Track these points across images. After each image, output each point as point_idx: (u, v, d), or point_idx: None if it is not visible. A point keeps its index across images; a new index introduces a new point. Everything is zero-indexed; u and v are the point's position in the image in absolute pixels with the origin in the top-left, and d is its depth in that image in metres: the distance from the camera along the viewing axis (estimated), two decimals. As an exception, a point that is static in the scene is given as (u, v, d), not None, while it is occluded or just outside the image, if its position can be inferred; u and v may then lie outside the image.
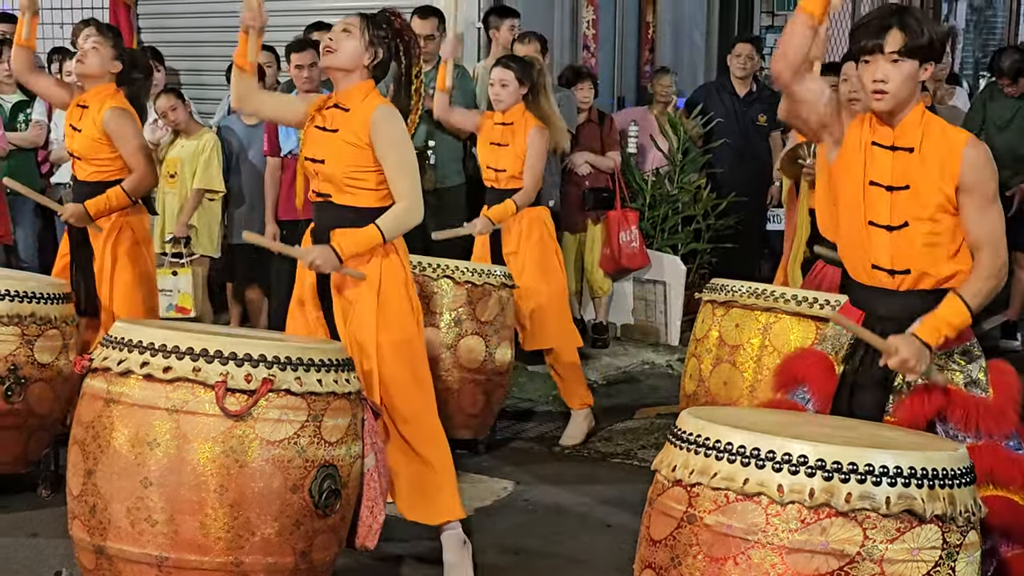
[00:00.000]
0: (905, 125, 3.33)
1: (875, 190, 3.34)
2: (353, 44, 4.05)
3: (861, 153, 3.37)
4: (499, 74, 5.85)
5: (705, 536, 2.87)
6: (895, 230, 3.33)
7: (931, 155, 3.30)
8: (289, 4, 8.60)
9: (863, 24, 3.32)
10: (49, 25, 9.68)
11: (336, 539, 3.61)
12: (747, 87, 8.41)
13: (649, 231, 7.98)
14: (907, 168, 3.32)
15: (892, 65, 3.27)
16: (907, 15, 3.29)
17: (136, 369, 3.39)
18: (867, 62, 3.29)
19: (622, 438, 6.08)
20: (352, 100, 4.07)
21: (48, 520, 4.60)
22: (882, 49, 3.26)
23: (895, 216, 3.33)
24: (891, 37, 3.26)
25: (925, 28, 3.28)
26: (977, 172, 3.28)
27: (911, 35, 3.25)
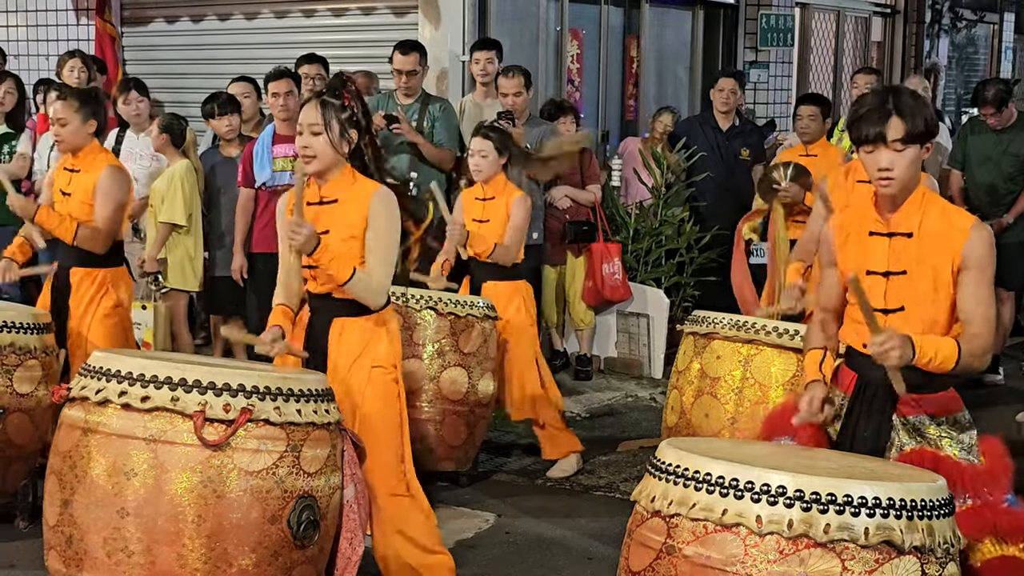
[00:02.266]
0: (905, 209, 3.34)
1: (872, 278, 3.35)
2: (325, 140, 3.92)
3: (860, 243, 3.40)
4: (478, 144, 5.80)
5: (684, 567, 2.86)
6: (891, 313, 3.34)
7: (930, 238, 3.31)
8: (269, 37, 8.65)
9: (862, 115, 3.31)
10: (35, 56, 9.72)
11: (315, 571, 3.59)
12: (730, 121, 8.45)
13: (632, 264, 7.99)
14: (903, 253, 3.33)
15: (896, 153, 3.27)
16: (902, 99, 3.29)
17: (114, 398, 3.37)
18: (869, 151, 3.30)
19: (604, 471, 6.07)
20: (340, 191, 3.98)
21: (25, 551, 4.57)
22: (885, 139, 3.27)
23: (890, 300, 3.34)
24: (892, 127, 3.26)
25: (921, 111, 3.29)
26: (979, 251, 3.28)
27: (911, 122, 3.26)
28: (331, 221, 3.96)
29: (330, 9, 8.51)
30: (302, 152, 3.96)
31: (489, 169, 5.79)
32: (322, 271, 3.93)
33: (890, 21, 12.64)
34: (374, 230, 3.94)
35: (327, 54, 7.63)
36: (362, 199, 3.95)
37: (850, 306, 3.45)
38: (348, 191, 3.97)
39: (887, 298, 3.34)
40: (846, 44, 11.86)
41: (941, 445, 3.34)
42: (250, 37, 8.81)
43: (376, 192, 3.95)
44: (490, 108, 7.29)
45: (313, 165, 3.95)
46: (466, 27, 7.93)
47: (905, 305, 3.32)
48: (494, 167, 5.79)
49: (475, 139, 5.88)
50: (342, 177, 3.99)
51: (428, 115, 7.19)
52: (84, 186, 5.27)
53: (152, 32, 9.32)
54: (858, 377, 3.43)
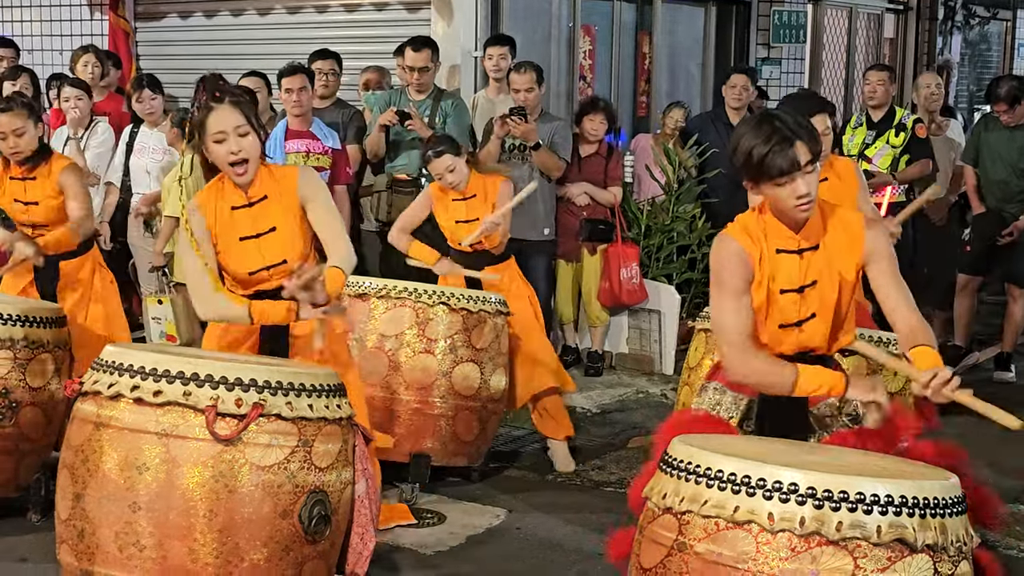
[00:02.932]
0: (810, 225, 3.37)
1: (786, 296, 3.37)
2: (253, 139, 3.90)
3: (770, 265, 3.37)
4: (439, 165, 5.73)
5: (695, 564, 2.86)
6: (804, 322, 3.39)
7: (835, 245, 3.36)
8: (282, 33, 8.66)
9: (768, 152, 3.23)
10: (48, 52, 9.74)
11: (326, 565, 3.59)
12: (742, 118, 8.43)
13: (644, 260, 7.98)
14: (812, 265, 3.36)
15: (809, 175, 3.27)
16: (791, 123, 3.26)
17: (126, 393, 3.38)
18: (782, 184, 3.26)
19: (615, 467, 6.07)
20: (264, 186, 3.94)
21: (38, 545, 4.58)
22: (799, 166, 3.24)
23: (803, 312, 3.38)
24: (800, 152, 3.24)
25: (811, 128, 3.31)
26: (876, 241, 3.35)
27: (811, 142, 3.27)
28: (271, 218, 3.92)
29: (343, 5, 8.52)
30: (236, 156, 3.86)
31: (462, 177, 5.77)
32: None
33: (903, 18, 12.61)
34: (314, 207, 3.90)
35: (339, 50, 7.64)
36: (287, 185, 3.91)
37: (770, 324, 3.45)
38: (272, 184, 3.94)
39: (801, 309, 3.37)
40: (858, 41, 11.83)
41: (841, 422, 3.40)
42: (263, 32, 8.83)
43: (300, 175, 3.94)
44: (502, 104, 7.29)
45: (250, 170, 3.90)
46: (479, 23, 7.93)
47: (816, 312, 3.37)
48: (464, 172, 5.77)
49: (431, 165, 5.80)
50: (261, 173, 3.94)
51: (440, 111, 7.20)
52: (46, 189, 5.27)
53: (165, 27, 9.34)
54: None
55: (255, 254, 3.95)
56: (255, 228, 3.93)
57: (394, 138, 7.25)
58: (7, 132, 5.22)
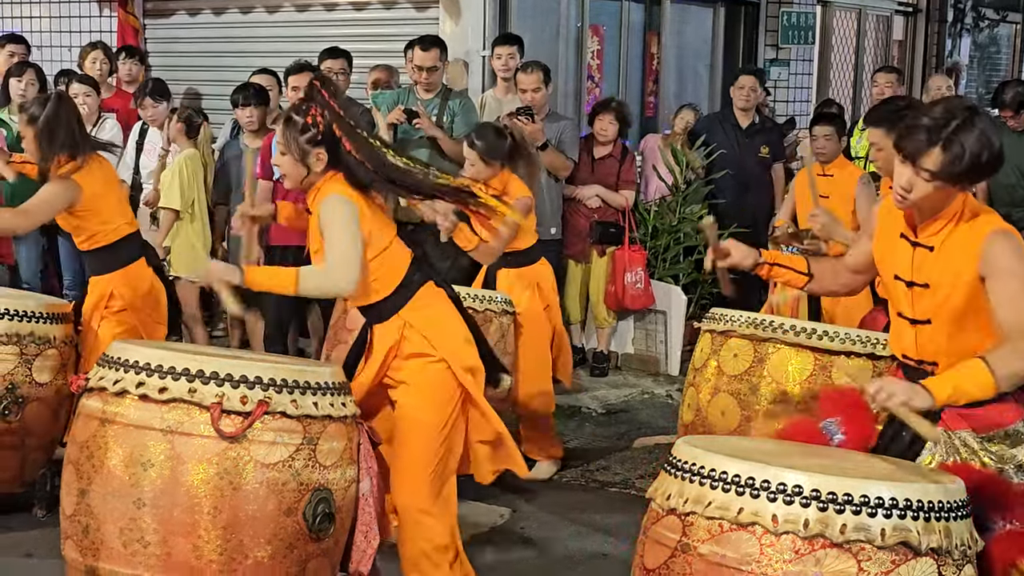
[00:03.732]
0: (934, 223, 3.22)
1: (899, 284, 3.30)
2: (290, 160, 3.82)
3: (891, 243, 3.33)
4: (465, 152, 5.73)
5: (699, 566, 2.86)
6: (918, 324, 3.28)
7: (951, 251, 3.19)
8: (290, 31, 8.67)
9: (916, 126, 3.08)
10: (57, 48, 9.76)
11: (329, 563, 3.60)
12: (750, 119, 8.43)
13: (651, 261, 7.98)
14: (924, 266, 3.24)
15: (919, 180, 3.11)
16: (963, 133, 3.05)
17: (132, 389, 3.39)
18: (901, 161, 3.13)
19: (620, 467, 6.07)
20: (315, 202, 3.87)
21: (43, 541, 4.58)
22: (915, 160, 3.09)
23: (917, 311, 3.27)
24: (930, 156, 3.06)
25: (970, 151, 3.04)
26: (1000, 257, 3.12)
27: (951, 162, 3.04)
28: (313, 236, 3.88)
29: (351, 3, 8.52)
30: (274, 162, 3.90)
31: (479, 175, 5.73)
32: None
33: (912, 20, 12.58)
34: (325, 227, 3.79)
35: (348, 48, 7.63)
36: (317, 207, 3.84)
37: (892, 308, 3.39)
38: (316, 202, 3.87)
39: (914, 308, 3.28)
40: (867, 43, 11.81)
41: (984, 461, 3.18)
42: (271, 30, 8.83)
43: (323, 203, 3.80)
44: (510, 103, 7.29)
45: (287, 182, 3.93)
46: (487, 22, 7.92)
47: (932, 319, 3.24)
48: (484, 173, 5.73)
49: (464, 146, 5.81)
50: (318, 187, 3.86)
51: (448, 110, 7.20)
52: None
53: (174, 24, 9.34)
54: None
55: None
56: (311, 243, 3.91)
57: (402, 136, 7.25)
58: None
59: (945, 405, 3.10)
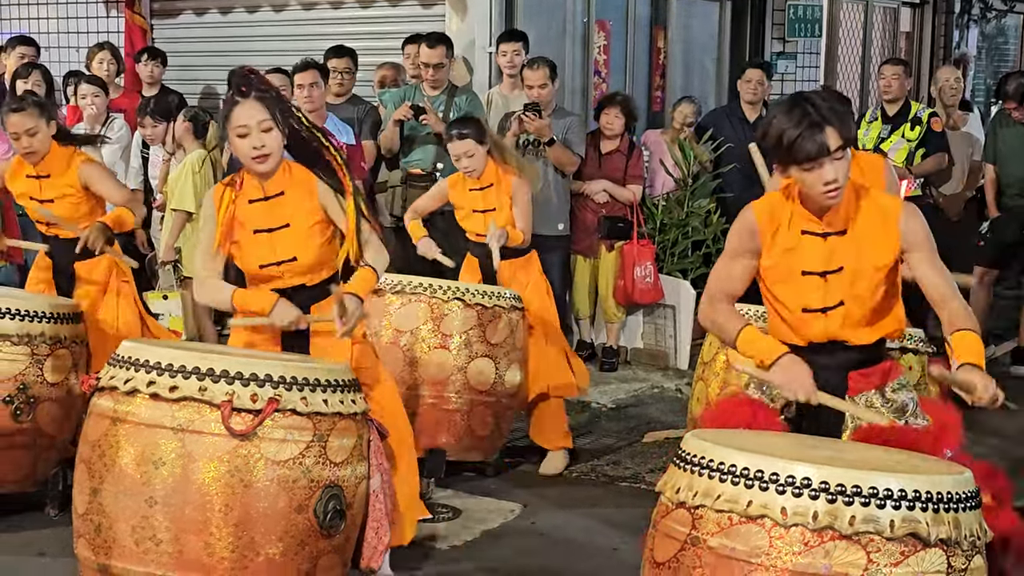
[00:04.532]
0: (838, 210, 3.33)
1: (808, 278, 3.36)
2: (276, 135, 3.87)
3: (791, 243, 3.37)
4: (460, 147, 5.71)
5: (708, 559, 2.86)
6: (830, 310, 3.36)
7: (865, 232, 3.32)
8: (297, 29, 8.68)
9: (797, 136, 3.22)
10: (64, 49, 9.78)
11: (341, 560, 3.61)
12: (757, 112, 8.41)
13: (659, 255, 7.98)
14: (838, 250, 3.33)
15: (838, 162, 3.24)
16: (824, 108, 3.24)
17: (142, 388, 3.40)
18: (809, 169, 3.24)
19: (630, 462, 6.07)
20: (282, 183, 3.93)
21: (56, 539, 4.61)
22: (828, 151, 3.21)
23: (829, 298, 3.36)
24: (830, 137, 3.21)
25: (844, 114, 3.27)
26: (917, 231, 3.31)
27: (843, 128, 3.24)
28: (287, 215, 3.92)
29: (358, 1, 8.53)
30: (259, 151, 3.86)
31: (480, 163, 5.75)
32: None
33: (919, 11, 12.55)
34: (336, 213, 3.91)
35: (354, 46, 7.65)
36: (307, 188, 3.90)
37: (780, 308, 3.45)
38: (290, 182, 3.93)
39: (826, 296, 3.35)
40: (874, 35, 11.78)
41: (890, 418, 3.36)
42: (278, 29, 8.84)
43: (317, 183, 3.91)
44: (517, 100, 7.30)
45: (268, 163, 3.90)
46: (493, 19, 7.92)
47: (844, 300, 3.34)
48: (482, 159, 5.75)
49: (451, 145, 5.77)
50: (281, 172, 3.93)
51: (455, 107, 7.21)
52: (64, 187, 5.27)
53: (181, 24, 9.36)
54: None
55: (267, 248, 3.95)
56: (269, 222, 3.93)
57: (408, 133, 7.27)
58: (20, 132, 5.22)
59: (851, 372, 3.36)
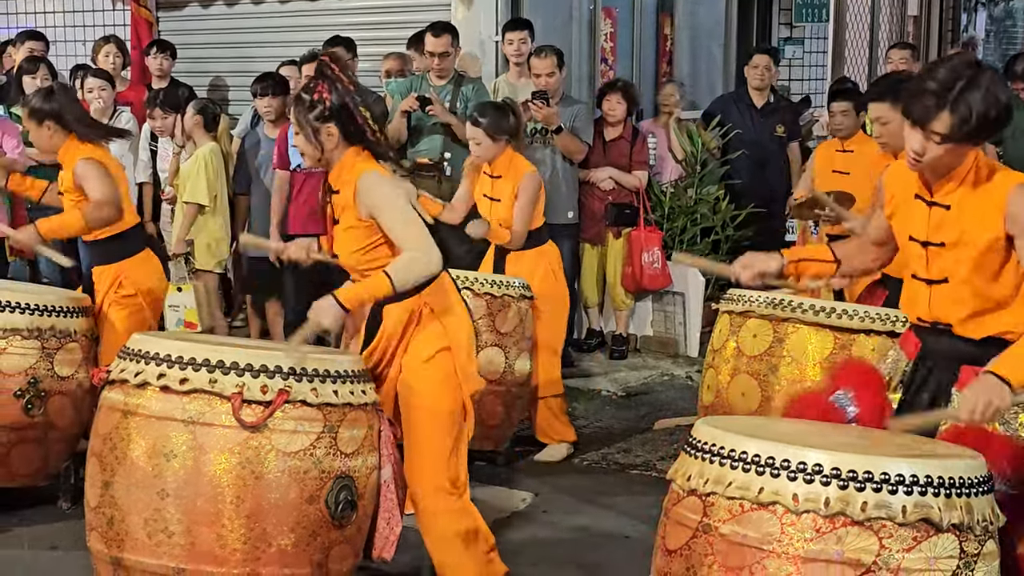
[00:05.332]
0: (948, 181, 3.22)
1: (914, 245, 3.30)
2: (303, 139, 3.82)
3: (905, 205, 3.33)
4: (470, 132, 5.76)
5: (720, 546, 2.86)
6: (934, 284, 3.28)
7: (971, 210, 3.18)
8: (303, 20, 8.67)
9: (920, 91, 3.09)
10: (72, 43, 9.79)
11: (352, 550, 3.62)
12: (764, 98, 8.40)
13: (668, 242, 7.97)
14: (942, 225, 3.23)
15: (933, 145, 3.11)
16: (969, 92, 3.05)
17: (153, 381, 3.41)
18: (911, 126, 3.14)
19: (641, 449, 6.07)
20: (339, 179, 3.84)
21: (68, 533, 4.62)
22: (924, 127, 3.10)
23: (932, 271, 3.27)
24: (939, 120, 3.07)
25: (976, 111, 3.05)
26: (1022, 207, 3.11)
27: (959, 122, 3.05)
28: (339, 210, 3.86)
29: (363, -10, 8.51)
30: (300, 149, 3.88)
31: (487, 153, 5.76)
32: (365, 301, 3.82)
33: (927, -5, 12.50)
34: (378, 213, 3.75)
35: (361, 36, 7.63)
36: (351, 186, 3.80)
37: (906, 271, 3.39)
38: (345, 178, 3.83)
39: (929, 268, 3.28)
40: (882, 19, 11.73)
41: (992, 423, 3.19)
42: (284, 20, 8.83)
43: (360, 180, 3.77)
44: (524, 88, 7.28)
45: (305, 160, 3.92)
46: (499, 7, 7.90)
47: (949, 277, 3.25)
48: (491, 150, 5.75)
49: (468, 126, 5.83)
50: (342, 164, 3.84)
51: (461, 96, 7.20)
52: (65, 180, 5.23)
53: (187, 16, 9.35)
54: (921, 345, 3.37)
55: (334, 241, 3.91)
56: (336, 215, 3.89)
57: (415, 123, 7.25)
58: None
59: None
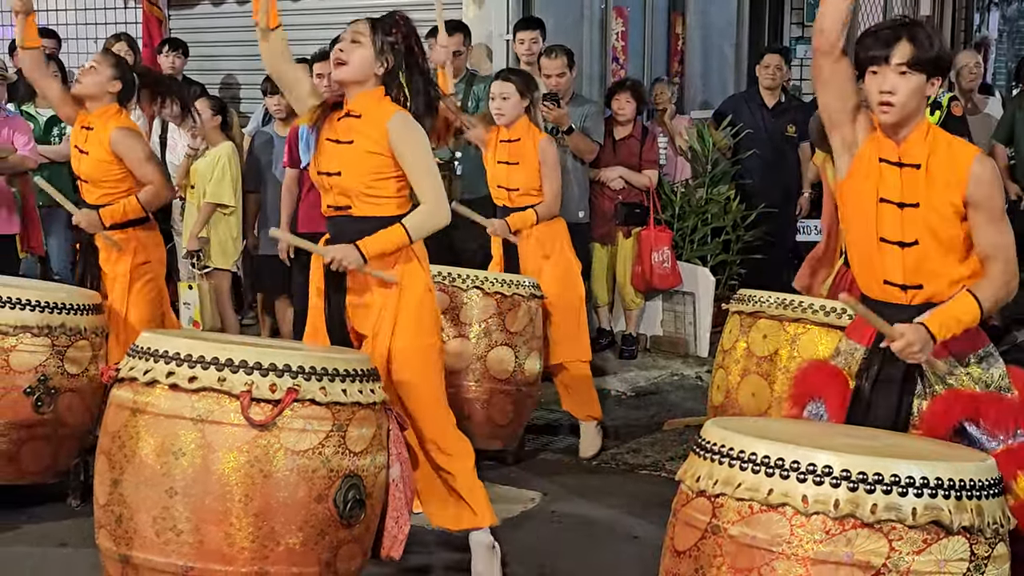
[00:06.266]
0: (911, 141, 3.32)
1: (886, 207, 3.33)
2: (363, 53, 4.02)
3: (872, 169, 3.36)
4: (499, 87, 5.80)
5: (729, 547, 2.86)
6: (907, 247, 3.32)
7: (937, 171, 3.28)
8: (314, 18, 8.68)
9: (872, 33, 3.31)
10: (84, 40, 9.81)
11: (361, 549, 3.61)
12: (776, 98, 8.39)
13: (678, 242, 7.96)
14: (915, 185, 3.30)
15: (899, 77, 3.26)
16: (917, 28, 3.29)
17: (162, 379, 3.41)
18: (875, 72, 3.28)
19: (650, 450, 6.06)
20: (365, 107, 4.04)
21: (77, 530, 4.62)
22: (888, 60, 3.25)
23: (907, 233, 3.31)
24: (899, 49, 3.25)
25: (934, 42, 3.27)
26: (984, 188, 3.26)
27: (919, 47, 3.25)
28: (354, 133, 4.02)
29: (375, -11, 8.51)
30: (336, 56, 4.03)
31: (512, 111, 5.78)
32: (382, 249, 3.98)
33: (940, -6, 12.46)
34: (405, 153, 3.98)
35: (371, 34, 7.62)
36: (381, 120, 3.99)
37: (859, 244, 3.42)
38: (373, 109, 4.02)
39: (904, 231, 3.31)
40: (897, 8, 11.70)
41: (967, 385, 3.31)
42: (295, 18, 8.81)
43: (393, 116, 3.99)
44: (534, 87, 7.26)
45: (341, 72, 4.02)
46: (510, 6, 7.90)
47: (919, 239, 3.30)
48: (516, 108, 5.78)
49: (496, 82, 5.87)
50: (370, 95, 4.04)
51: (472, 95, 7.19)
52: (98, 142, 5.29)
53: (198, 14, 9.37)
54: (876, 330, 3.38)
55: (327, 157, 4.07)
56: (339, 135, 4.04)
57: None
58: (88, 65, 5.37)
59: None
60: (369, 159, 3.99)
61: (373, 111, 4.02)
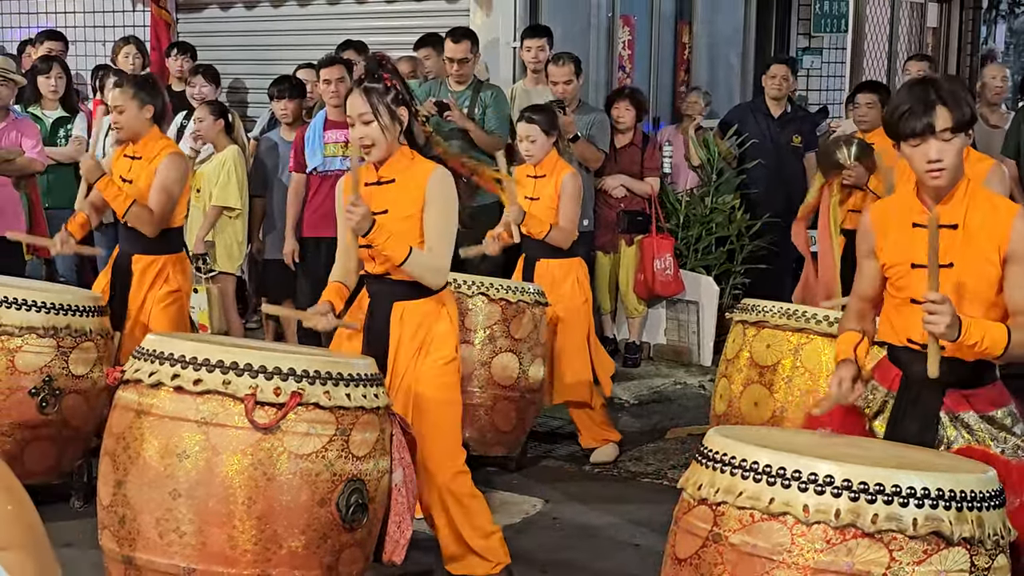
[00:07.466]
0: (950, 200, 3.30)
1: (917, 272, 3.30)
2: (379, 127, 3.98)
3: (905, 235, 3.35)
4: (524, 130, 5.83)
5: (730, 555, 2.86)
6: None
7: (977, 228, 3.27)
8: (322, 23, 8.70)
9: (904, 111, 3.26)
10: (92, 43, 9.84)
11: (363, 553, 3.62)
12: (782, 108, 8.40)
13: (682, 251, 7.97)
14: (950, 245, 3.27)
15: (944, 143, 3.24)
16: (942, 89, 3.27)
17: (167, 381, 3.42)
18: (916, 145, 3.26)
19: (652, 458, 6.07)
20: (398, 171, 4.03)
21: (81, 531, 4.63)
22: (933, 130, 3.23)
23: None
24: (939, 117, 3.23)
25: (962, 97, 3.27)
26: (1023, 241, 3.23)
27: (956, 110, 3.24)
28: (388, 201, 4.02)
29: (382, -5, 8.54)
30: (360, 143, 4.00)
31: (540, 151, 5.83)
32: (378, 251, 3.99)
33: (946, 6, 12.48)
34: (432, 209, 4.00)
35: (378, 40, 7.66)
36: (419, 179, 4.01)
37: (889, 299, 3.41)
38: (406, 171, 4.04)
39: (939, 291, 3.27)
40: (901, 30, 11.72)
41: (987, 443, 3.28)
42: (303, 23, 8.87)
43: (434, 172, 4.02)
44: (540, 95, 7.29)
45: (374, 153, 4.02)
46: (517, 13, 7.92)
47: (952, 298, 3.25)
48: (545, 147, 5.84)
49: (520, 125, 5.92)
50: (399, 157, 4.05)
51: (479, 102, 7.21)
52: (146, 173, 5.32)
53: (206, 18, 9.40)
54: (902, 373, 3.38)
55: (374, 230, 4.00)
56: (375, 205, 4.01)
57: (433, 129, 7.25)
58: (112, 107, 5.38)
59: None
60: (403, 225, 3.99)
61: (406, 172, 4.03)
